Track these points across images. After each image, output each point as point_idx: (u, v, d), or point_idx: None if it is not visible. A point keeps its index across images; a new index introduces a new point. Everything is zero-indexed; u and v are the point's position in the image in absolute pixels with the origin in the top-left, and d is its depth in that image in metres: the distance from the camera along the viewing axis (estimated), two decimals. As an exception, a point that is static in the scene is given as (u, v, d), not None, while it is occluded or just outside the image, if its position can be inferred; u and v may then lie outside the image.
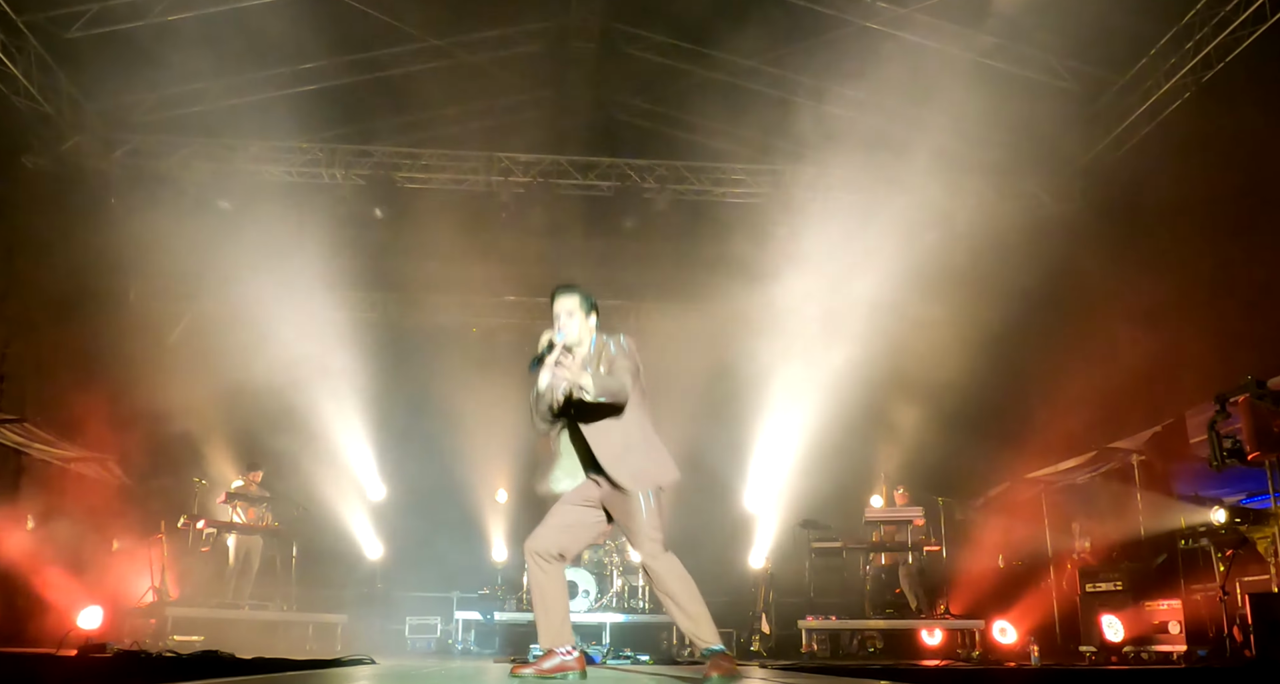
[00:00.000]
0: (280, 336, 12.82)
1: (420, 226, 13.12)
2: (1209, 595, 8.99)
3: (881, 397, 13.77)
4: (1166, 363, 10.33)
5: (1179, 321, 10.36)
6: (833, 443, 13.27)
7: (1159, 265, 10.94)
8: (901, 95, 11.96)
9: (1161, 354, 10.27)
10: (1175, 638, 9.17)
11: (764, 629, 12.18)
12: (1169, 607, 9.38)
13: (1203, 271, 10.39)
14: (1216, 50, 10.64)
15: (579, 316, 4.76)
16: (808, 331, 13.31)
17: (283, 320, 12.90)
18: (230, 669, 5.41)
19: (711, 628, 4.51)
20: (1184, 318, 10.31)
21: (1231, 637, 8.12)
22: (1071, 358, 11.82)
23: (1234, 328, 9.71)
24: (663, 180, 13.70)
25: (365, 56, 12.60)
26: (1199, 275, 10.42)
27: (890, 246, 12.50)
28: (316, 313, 13.19)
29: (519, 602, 12.71)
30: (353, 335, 13.90)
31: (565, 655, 4.49)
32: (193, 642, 9.74)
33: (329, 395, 13.63)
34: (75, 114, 12.33)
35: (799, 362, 13.40)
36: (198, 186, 13.08)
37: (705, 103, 13.23)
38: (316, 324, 13.21)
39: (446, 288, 14.74)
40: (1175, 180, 10.97)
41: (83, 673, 5.51)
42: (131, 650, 7.20)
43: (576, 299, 4.79)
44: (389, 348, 14.02)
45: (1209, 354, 9.80)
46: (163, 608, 10.33)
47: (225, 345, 12.89)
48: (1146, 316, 10.85)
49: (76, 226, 12.01)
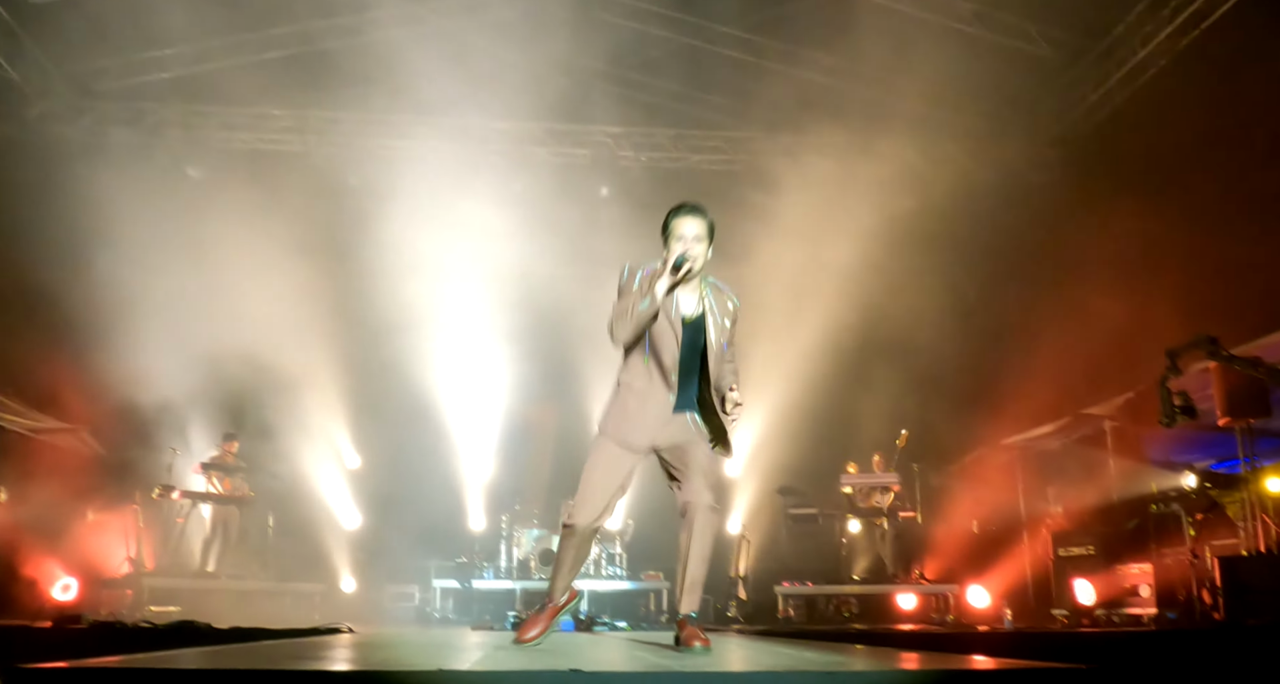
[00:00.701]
0: (253, 305, 12.72)
1: (393, 195, 13.00)
2: (1179, 559, 9.11)
3: (857, 364, 13.79)
4: (1140, 329, 10.38)
5: (1153, 288, 10.40)
6: (809, 409, 13.31)
7: (1134, 232, 10.96)
8: (877, 62, 11.91)
9: (1135, 321, 10.31)
10: (1146, 601, 9.29)
11: (740, 595, 12.27)
12: (1140, 570, 9.49)
13: (1177, 239, 10.43)
14: (1193, 17, 10.64)
15: (706, 244, 4.50)
16: (783, 299, 13.30)
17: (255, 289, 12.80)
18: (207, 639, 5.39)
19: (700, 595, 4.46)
20: (1158, 285, 10.36)
21: (1201, 599, 8.23)
22: (1046, 324, 11.86)
23: (1207, 295, 9.77)
24: (639, 147, 13.63)
25: (338, 22, 12.42)
26: (1173, 243, 10.46)
27: (866, 213, 12.50)
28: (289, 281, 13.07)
29: (496, 570, 12.74)
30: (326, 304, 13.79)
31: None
32: (169, 612, 9.72)
33: (303, 365, 13.54)
34: (41, 80, 12.13)
35: (776, 328, 13.40)
36: (167, 154, 12.93)
37: (681, 69, 13.15)
38: (289, 293, 13.09)
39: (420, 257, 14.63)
40: (1150, 147, 10.99)
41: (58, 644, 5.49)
42: (107, 621, 7.18)
43: (707, 225, 4.50)
44: (363, 317, 13.90)
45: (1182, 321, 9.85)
46: (139, 579, 10.31)
47: (198, 315, 12.77)
48: (1121, 283, 10.89)
49: (44, 194, 11.84)
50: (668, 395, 4.49)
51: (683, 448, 4.49)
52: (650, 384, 4.50)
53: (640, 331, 4.43)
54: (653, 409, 4.49)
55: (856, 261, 12.92)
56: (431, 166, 13.34)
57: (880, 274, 13.25)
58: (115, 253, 13.29)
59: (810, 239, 12.75)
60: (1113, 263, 11.13)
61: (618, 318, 4.41)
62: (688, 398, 4.55)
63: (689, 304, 4.53)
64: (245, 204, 12.37)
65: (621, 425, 4.51)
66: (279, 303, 13.04)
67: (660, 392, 4.49)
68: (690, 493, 4.41)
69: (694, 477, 4.43)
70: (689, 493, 4.42)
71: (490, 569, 12.84)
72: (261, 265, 12.84)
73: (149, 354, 12.24)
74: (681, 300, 4.51)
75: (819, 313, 13.10)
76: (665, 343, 4.47)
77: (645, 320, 4.39)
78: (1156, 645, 5.55)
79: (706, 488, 4.42)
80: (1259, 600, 7.16)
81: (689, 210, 4.48)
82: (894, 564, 11.89)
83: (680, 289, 4.47)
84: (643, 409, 4.49)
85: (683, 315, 4.50)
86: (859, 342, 13.39)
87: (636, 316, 4.36)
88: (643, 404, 4.50)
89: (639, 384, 4.51)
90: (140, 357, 12.13)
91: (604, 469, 4.47)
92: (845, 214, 12.54)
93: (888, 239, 12.65)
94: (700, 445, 4.51)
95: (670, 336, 4.46)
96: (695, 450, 4.48)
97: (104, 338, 11.98)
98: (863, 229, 12.49)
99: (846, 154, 13.34)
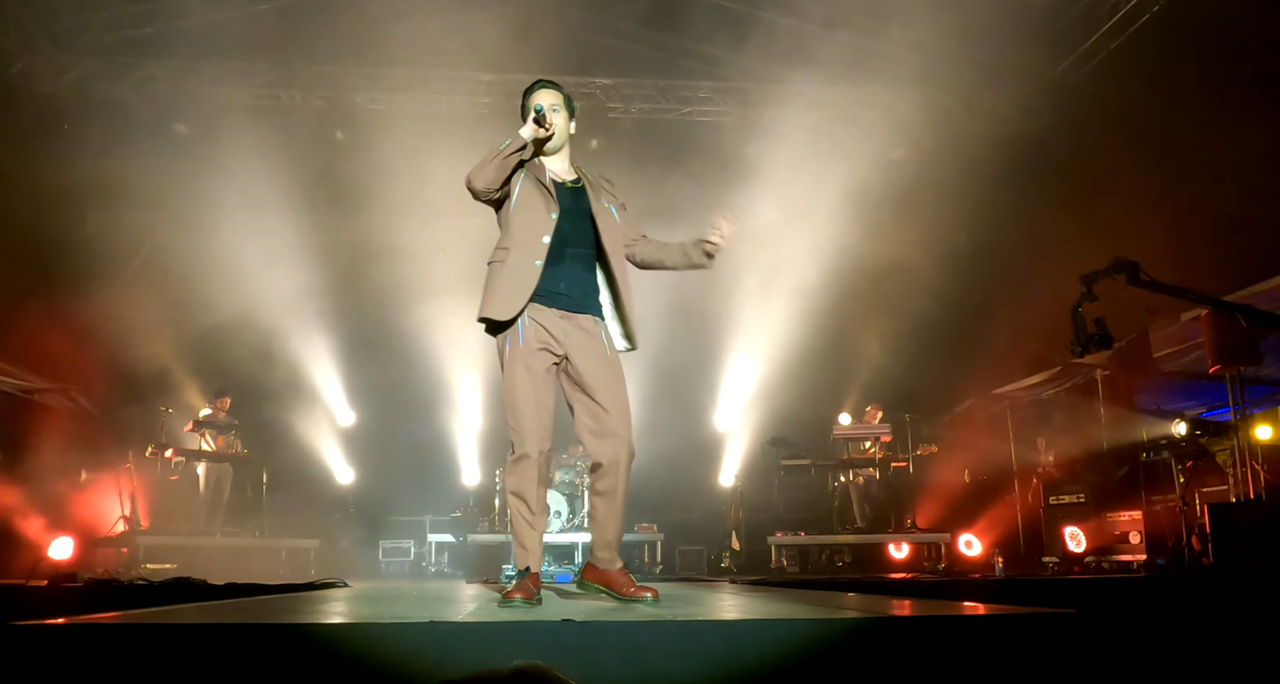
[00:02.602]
0: (243, 262, 12.66)
1: (382, 148, 12.89)
2: (1169, 506, 9.19)
3: (849, 315, 13.80)
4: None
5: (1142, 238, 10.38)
6: (801, 361, 13.34)
7: (1125, 182, 10.93)
8: (868, 10, 11.78)
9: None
10: (1136, 547, 9.39)
11: (734, 546, 12.37)
12: (1130, 517, 9.58)
13: (1165, 189, 10.40)
14: (1186, -38, 10.53)
15: (565, 116, 4.18)
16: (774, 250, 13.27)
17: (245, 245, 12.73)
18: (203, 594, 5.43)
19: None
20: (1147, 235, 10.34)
21: (1190, 546, 8.30)
22: (1037, 274, 11.86)
23: (1196, 246, 9.75)
24: (628, 99, 13.52)
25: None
26: (1162, 192, 10.43)
27: (857, 163, 12.43)
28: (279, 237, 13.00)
29: (491, 523, 12.81)
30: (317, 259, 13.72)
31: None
32: (165, 570, 9.77)
33: (294, 321, 13.52)
34: (22, 36, 11.93)
35: (767, 280, 13.39)
36: (153, 111, 12.77)
37: (670, 20, 12.99)
38: (279, 249, 13.03)
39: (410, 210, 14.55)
40: (1141, 95, 10.92)
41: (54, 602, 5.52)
42: (103, 579, 7.20)
43: (563, 97, 4.21)
44: (354, 272, 13.84)
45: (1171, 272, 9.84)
46: (134, 537, 10.34)
47: (187, 272, 12.71)
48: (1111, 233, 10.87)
49: (28, 153, 11.71)
50: (543, 268, 3.97)
51: (592, 361, 3.98)
52: (524, 256, 4.00)
53: (500, 177, 3.98)
54: (526, 280, 3.96)
55: (847, 212, 12.87)
56: (420, 119, 13.22)
57: (871, 224, 13.22)
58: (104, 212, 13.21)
59: (801, 190, 12.69)
60: (1103, 211, 11.10)
61: (476, 166, 3.97)
62: (583, 291, 4.07)
63: (565, 173, 4.22)
64: (234, 160, 12.26)
65: (504, 304, 3.98)
66: (269, 259, 12.98)
67: (531, 265, 3.97)
68: (611, 432, 3.95)
69: (615, 409, 3.97)
70: (610, 435, 3.95)
71: (485, 523, 12.90)
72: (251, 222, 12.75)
73: (140, 313, 12.20)
74: (555, 169, 4.21)
75: (810, 264, 13.08)
76: (537, 208, 4.04)
77: (505, 162, 3.96)
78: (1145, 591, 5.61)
79: (625, 419, 3.96)
80: (1247, 546, 7.21)
81: (542, 85, 4.20)
82: (887, 513, 11.99)
83: (551, 161, 4.20)
84: (519, 283, 3.97)
85: (557, 181, 4.14)
86: (850, 293, 13.39)
87: (496, 157, 3.94)
88: (516, 278, 3.98)
89: (512, 257, 4.02)
90: (132, 316, 12.08)
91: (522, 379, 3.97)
92: (836, 164, 12.47)
93: (879, 189, 12.60)
94: (599, 362, 4.00)
95: (542, 200, 4.05)
96: (594, 372, 3.98)
97: (94, 297, 11.92)
98: (854, 179, 12.43)
99: (837, 104, 13.25)
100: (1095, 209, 11.23)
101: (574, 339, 4.00)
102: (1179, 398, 10.77)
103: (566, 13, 13.00)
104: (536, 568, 3.95)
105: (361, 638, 2.32)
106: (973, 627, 2.52)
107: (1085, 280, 7.37)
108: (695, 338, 14.02)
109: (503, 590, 3.96)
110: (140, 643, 2.23)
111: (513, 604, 3.64)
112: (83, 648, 2.23)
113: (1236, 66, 9.69)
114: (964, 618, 2.66)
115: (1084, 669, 2.37)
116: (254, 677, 2.20)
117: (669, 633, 2.40)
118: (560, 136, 4.17)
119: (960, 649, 2.38)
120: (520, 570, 3.94)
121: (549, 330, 3.98)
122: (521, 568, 3.94)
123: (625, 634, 2.37)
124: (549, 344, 3.98)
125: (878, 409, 12.71)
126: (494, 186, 3.99)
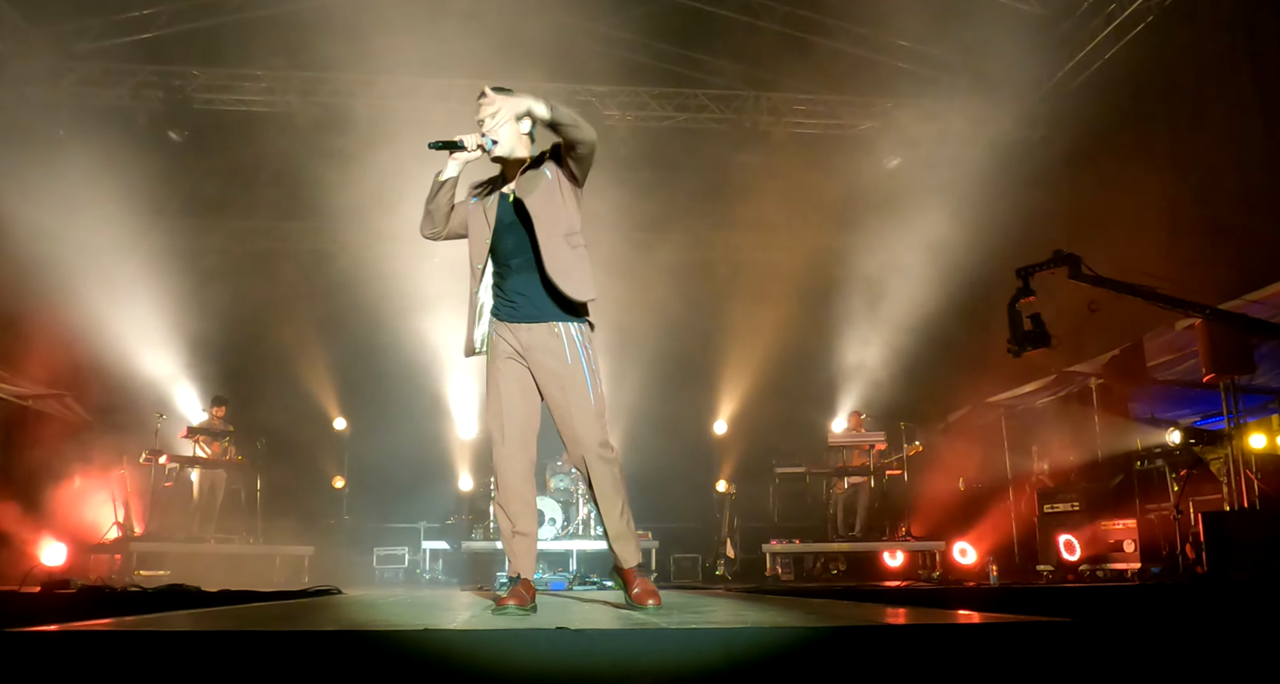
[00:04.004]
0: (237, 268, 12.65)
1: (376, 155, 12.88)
2: (1163, 515, 9.19)
3: (843, 322, 13.82)
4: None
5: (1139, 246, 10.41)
6: (795, 368, 13.35)
7: (1120, 190, 10.95)
8: (865, 19, 11.82)
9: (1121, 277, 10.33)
10: (1130, 556, 9.38)
11: (729, 553, 12.36)
12: (1124, 526, 9.58)
13: (1163, 197, 10.42)
14: (1180, -28, 10.57)
15: (512, 125, 4.06)
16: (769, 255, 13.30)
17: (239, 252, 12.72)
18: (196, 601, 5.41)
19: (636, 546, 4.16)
20: (1143, 243, 10.36)
21: (1184, 554, 8.31)
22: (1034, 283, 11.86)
23: (1192, 252, 9.78)
24: (624, 107, 13.53)
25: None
26: (1159, 201, 10.45)
27: (853, 171, 12.46)
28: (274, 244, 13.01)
29: (486, 530, 12.78)
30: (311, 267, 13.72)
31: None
32: (159, 576, 9.73)
33: (289, 328, 13.50)
34: (18, 41, 11.92)
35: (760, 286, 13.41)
36: (149, 116, 12.76)
37: (668, 27, 13.01)
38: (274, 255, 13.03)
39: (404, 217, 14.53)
40: (1137, 104, 10.96)
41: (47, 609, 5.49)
42: (96, 586, 7.18)
43: (502, 98, 4.05)
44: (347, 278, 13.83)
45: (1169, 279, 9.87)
46: (127, 544, 10.31)
47: (182, 278, 12.70)
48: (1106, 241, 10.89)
49: (22, 158, 11.69)
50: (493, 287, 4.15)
51: (551, 369, 4.01)
52: (474, 284, 4.14)
53: (438, 221, 4.22)
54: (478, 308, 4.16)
55: (843, 219, 12.89)
56: (415, 126, 13.20)
57: (866, 232, 13.24)
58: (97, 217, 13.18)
59: (797, 197, 12.72)
60: (1099, 219, 11.12)
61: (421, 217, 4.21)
62: (535, 300, 4.04)
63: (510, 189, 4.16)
64: (228, 166, 12.25)
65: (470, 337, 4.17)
66: (263, 265, 12.97)
67: (478, 294, 4.14)
68: (574, 439, 4.01)
69: (568, 417, 4.00)
70: (573, 441, 4.01)
71: (479, 530, 12.87)
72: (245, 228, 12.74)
73: (135, 319, 12.18)
74: (511, 174, 4.19)
75: (805, 270, 13.10)
76: (478, 236, 4.12)
77: (435, 207, 4.20)
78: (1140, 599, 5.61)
79: (592, 429, 3.98)
80: (1242, 555, 7.22)
81: (481, 95, 4.09)
82: (881, 521, 11.99)
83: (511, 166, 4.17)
84: (476, 312, 4.15)
85: (505, 193, 4.14)
86: (845, 299, 13.40)
87: (430, 193, 4.19)
88: (474, 307, 4.16)
89: (471, 287, 4.16)
90: (126, 322, 12.07)
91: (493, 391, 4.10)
92: (832, 172, 12.50)
93: (875, 196, 12.62)
94: (571, 372, 3.99)
95: (481, 225, 4.11)
96: (566, 379, 3.99)
97: (88, 304, 11.90)
98: (849, 186, 12.45)
99: (834, 112, 13.27)
100: (1092, 218, 11.25)
101: (533, 352, 4.06)
102: (1173, 406, 10.79)
103: (562, 19, 13.03)
104: (528, 574, 3.98)
105: (356, 646, 2.31)
106: (967, 635, 2.52)
107: (1021, 274, 7.11)
108: (689, 347, 14.04)
109: (496, 598, 3.96)
110: (133, 651, 2.22)
111: (507, 611, 3.65)
112: (75, 656, 2.22)
113: (1231, 76, 9.72)
114: (958, 626, 2.66)
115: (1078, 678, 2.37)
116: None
117: (664, 641, 2.39)
118: (509, 142, 4.10)
119: (954, 658, 2.38)
120: (512, 578, 3.95)
121: (510, 342, 4.09)
122: (513, 575, 3.95)
123: (619, 642, 2.36)
124: (514, 355, 4.09)
125: (858, 417, 12.72)
126: (438, 230, 4.24)
